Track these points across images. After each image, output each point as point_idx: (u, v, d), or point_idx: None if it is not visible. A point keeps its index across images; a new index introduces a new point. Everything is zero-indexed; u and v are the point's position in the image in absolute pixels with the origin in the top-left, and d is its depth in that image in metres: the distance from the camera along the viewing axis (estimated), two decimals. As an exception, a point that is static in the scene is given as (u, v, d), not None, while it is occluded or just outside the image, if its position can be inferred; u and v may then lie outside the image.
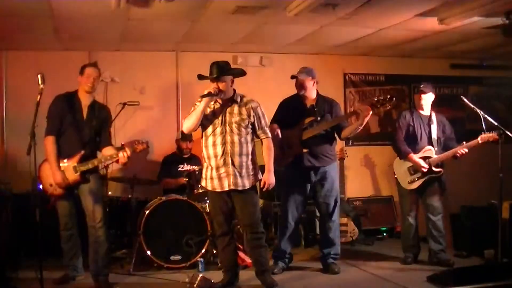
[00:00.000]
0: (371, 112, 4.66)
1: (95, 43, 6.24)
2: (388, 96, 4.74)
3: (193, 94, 6.80)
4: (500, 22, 5.08)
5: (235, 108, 4.35)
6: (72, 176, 4.35)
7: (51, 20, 5.17)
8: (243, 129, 4.31)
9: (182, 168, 5.96)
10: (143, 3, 4.58)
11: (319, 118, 4.95)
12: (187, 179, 5.44)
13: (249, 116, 4.35)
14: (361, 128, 4.77)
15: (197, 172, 5.37)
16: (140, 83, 6.63)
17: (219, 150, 4.27)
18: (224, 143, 4.27)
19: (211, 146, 4.30)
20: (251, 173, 4.34)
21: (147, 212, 5.15)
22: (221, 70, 4.29)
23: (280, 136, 4.91)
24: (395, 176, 5.38)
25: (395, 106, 4.74)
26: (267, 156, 4.43)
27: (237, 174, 4.28)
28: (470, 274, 4.34)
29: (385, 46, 6.60)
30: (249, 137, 4.36)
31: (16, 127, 5.99)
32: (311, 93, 5.02)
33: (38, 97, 3.88)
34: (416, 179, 5.18)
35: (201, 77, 4.37)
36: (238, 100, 4.38)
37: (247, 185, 4.31)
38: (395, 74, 7.39)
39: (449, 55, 7.28)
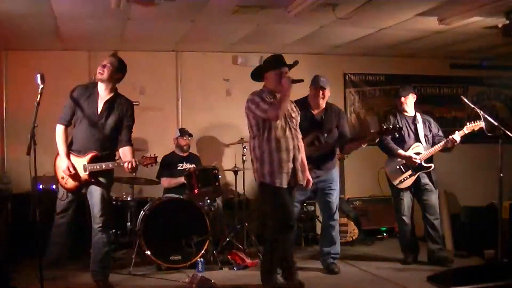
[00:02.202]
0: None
1: (95, 43, 6.24)
2: (398, 126, 4.85)
3: (193, 94, 6.85)
4: (500, 22, 5.09)
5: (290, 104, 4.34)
6: (81, 173, 4.29)
7: (51, 20, 5.17)
8: (297, 125, 4.33)
9: (182, 167, 5.98)
10: (143, 1, 4.57)
11: (325, 135, 4.94)
12: (186, 179, 5.44)
13: (299, 113, 4.40)
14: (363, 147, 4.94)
15: (196, 172, 5.38)
16: (140, 83, 6.62)
17: (291, 145, 4.18)
18: (293, 138, 4.21)
19: (283, 141, 4.15)
20: None
21: (147, 212, 5.15)
22: None
23: None
24: (387, 177, 5.40)
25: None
26: (303, 154, 4.41)
27: (301, 169, 4.29)
28: (470, 274, 4.34)
29: (385, 46, 6.60)
30: None
31: (16, 127, 6.00)
32: (323, 104, 5.03)
33: (38, 97, 3.89)
34: (408, 177, 5.20)
35: (286, 64, 4.26)
36: None
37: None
38: (395, 74, 7.39)
39: (449, 55, 7.28)
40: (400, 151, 5.20)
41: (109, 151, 4.39)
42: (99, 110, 4.31)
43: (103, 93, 4.33)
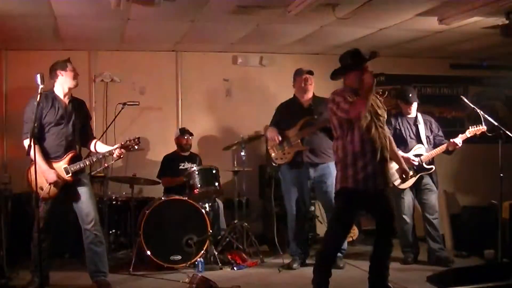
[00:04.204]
0: None
1: (95, 43, 6.24)
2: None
3: (193, 94, 6.84)
4: (500, 22, 5.08)
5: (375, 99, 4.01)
6: (64, 177, 4.26)
7: (51, 20, 5.17)
8: (384, 122, 4.02)
9: (183, 166, 5.98)
10: (143, 1, 4.57)
11: (315, 117, 5.04)
12: (187, 179, 5.44)
13: (385, 109, 4.11)
14: None
15: (196, 173, 5.38)
16: (140, 83, 6.63)
17: (378, 145, 3.83)
18: (380, 137, 3.86)
19: (368, 141, 3.80)
20: None
21: (147, 212, 5.15)
22: None
23: (279, 139, 5.07)
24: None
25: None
26: (394, 147, 4.31)
27: (396, 162, 4.26)
28: (470, 274, 4.33)
29: (385, 46, 6.59)
30: None
31: (16, 127, 5.97)
32: (310, 93, 5.18)
33: (38, 97, 3.89)
34: (408, 177, 5.20)
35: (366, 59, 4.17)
36: None
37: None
38: (395, 74, 7.35)
39: (449, 55, 7.27)
40: (399, 152, 5.19)
41: (79, 149, 4.47)
42: (67, 113, 4.36)
43: (65, 97, 4.38)
